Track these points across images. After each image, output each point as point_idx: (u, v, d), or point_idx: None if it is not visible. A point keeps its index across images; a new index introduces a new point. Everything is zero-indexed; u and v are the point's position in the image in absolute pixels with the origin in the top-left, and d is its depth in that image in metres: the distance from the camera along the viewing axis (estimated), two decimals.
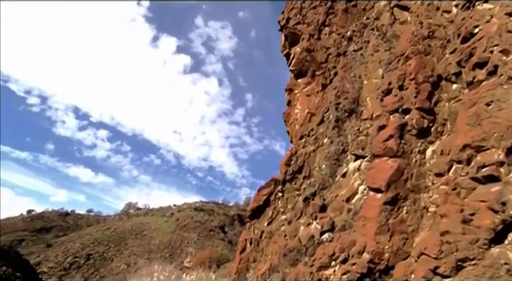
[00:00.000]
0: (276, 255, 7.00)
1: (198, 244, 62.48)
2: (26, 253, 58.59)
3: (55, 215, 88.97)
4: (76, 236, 68.79)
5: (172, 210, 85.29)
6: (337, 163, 6.97)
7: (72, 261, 56.62)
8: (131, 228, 70.65)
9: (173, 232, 68.18)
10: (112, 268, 56.07)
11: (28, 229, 76.61)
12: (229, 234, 72.71)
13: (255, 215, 8.74)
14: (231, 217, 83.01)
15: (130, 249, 61.97)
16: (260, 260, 7.78)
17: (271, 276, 6.82)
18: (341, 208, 6.30)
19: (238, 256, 8.76)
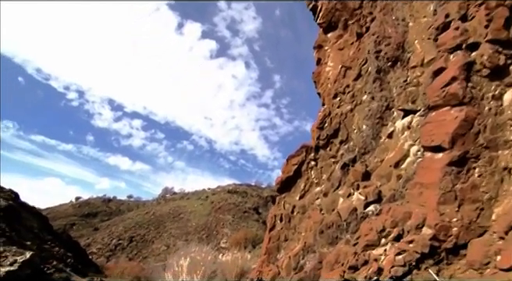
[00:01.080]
0: (311, 233, 6.05)
1: (233, 226, 63.28)
2: (77, 235, 62.77)
3: (100, 201, 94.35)
4: (118, 220, 72.50)
5: (207, 193, 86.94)
6: (381, 122, 5.72)
7: (117, 243, 59.85)
8: (169, 211, 73.06)
9: (209, 215, 69.58)
10: (153, 249, 58.56)
11: (77, 214, 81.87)
12: (263, 215, 72.91)
13: (285, 187, 7.78)
14: (264, 198, 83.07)
15: (169, 231, 64.23)
16: (292, 238, 6.91)
17: (306, 257, 5.95)
18: (388, 175, 5.14)
19: (267, 234, 7.92)
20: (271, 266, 7.19)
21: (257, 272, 7.55)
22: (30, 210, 34.52)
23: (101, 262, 45.12)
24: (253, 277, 7.70)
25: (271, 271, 6.96)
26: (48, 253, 26.58)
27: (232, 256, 24.70)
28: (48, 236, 31.62)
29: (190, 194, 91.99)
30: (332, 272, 4.58)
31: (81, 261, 33.00)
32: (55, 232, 37.54)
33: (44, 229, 33.02)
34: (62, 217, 78.00)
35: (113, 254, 55.75)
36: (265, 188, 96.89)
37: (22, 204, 33.14)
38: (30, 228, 29.56)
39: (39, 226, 32.13)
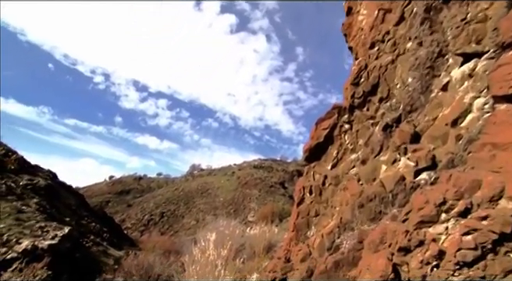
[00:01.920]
0: (348, 207, 5.22)
1: (260, 200, 63.89)
2: (112, 212, 66.17)
3: (131, 179, 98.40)
4: (150, 196, 75.37)
5: (233, 169, 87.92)
6: (431, 73, 4.63)
7: (149, 219, 62.51)
8: (197, 187, 74.83)
9: (236, 190, 70.58)
10: (183, 224, 60.66)
11: (111, 192, 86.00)
12: (289, 189, 73.00)
13: (314, 156, 6.87)
14: (290, 173, 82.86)
15: (198, 206, 66.03)
16: (324, 213, 6.12)
17: (342, 235, 5.17)
18: (444, 136, 4.14)
19: (295, 209, 7.16)
20: (300, 245, 6.48)
21: (284, 250, 6.83)
22: (68, 189, 36.25)
23: (135, 236, 47.38)
24: (280, 256, 7.01)
25: (300, 251, 6.21)
26: (85, 228, 27.85)
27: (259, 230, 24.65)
28: (85, 212, 33.19)
29: (217, 170, 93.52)
30: (377, 255, 3.79)
31: (116, 235, 34.58)
32: (91, 209, 39.46)
33: (81, 207, 34.66)
34: (98, 195, 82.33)
35: (146, 229, 58.38)
36: (291, 163, 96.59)
37: (60, 184, 34.80)
38: (68, 205, 31.04)
39: (76, 204, 33.73)
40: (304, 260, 6.08)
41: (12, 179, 24.26)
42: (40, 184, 26.92)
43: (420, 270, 3.23)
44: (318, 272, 5.24)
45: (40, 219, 19.40)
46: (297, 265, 6.22)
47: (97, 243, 24.19)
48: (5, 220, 18.08)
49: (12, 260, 15.69)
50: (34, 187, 25.48)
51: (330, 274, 4.99)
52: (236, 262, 13.94)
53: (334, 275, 4.95)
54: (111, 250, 24.91)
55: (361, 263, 4.03)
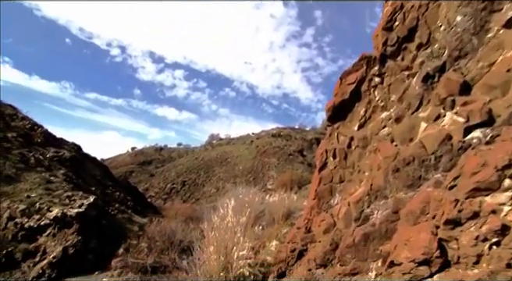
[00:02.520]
0: (380, 172, 4.61)
1: (279, 168, 64.26)
2: (136, 182, 68.77)
3: (152, 150, 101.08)
4: (171, 166, 77.35)
5: (252, 138, 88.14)
6: (489, 7, 3.79)
7: (171, 187, 64.57)
8: (216, 157, 75.90)
9: (254, 158, 71.11)
10: (204, 192, 62.33)
11: (134, 162, 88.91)
12: (307, 157, 72.81)
13: (339, 115, 6.15)
14: (309, 141, 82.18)
15: (217, 175, 67.31)
16: (350, 179, 5.56)
17: (372, 204, 4.58)
18: (504, 85, 3.41)
19: (316, 175, 6.51)
20: (323, 215, 6.08)
21: (305, 220, 6.45)
22: (93, 160, 37.40)
23: (158, 204, 49.23)
24: (300, 226, 6.52)
25: (323, 221, 5.86)
26: (110, 197, 28.90)
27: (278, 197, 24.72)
28: (110, 182, 34.36)
29: (236, 140, 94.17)
30: (417, 227, 3.25)
31: (140, 203, 35.90)
32: (115, 179, 40.85)
33: (106, 177, 35.87)
34: (122, 166, 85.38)
35: (169, 197, 60.49)
36: (309, 131, 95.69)
37: (85, 155, 35.88)
38: (93, 176, 32.13)
39: (101, 174, 34.89)
40: (328, 231, 5.66)
41: (39, 152, 25.05)
42: (66, 156, 27.75)
43: (474, 248, 2.70)
44: (344, 246, 4.80)
45: (68, 189, 20.08)
46: (319, 237, 5.81)
47: (122, 211, 25.12)
48: (36, 190, 18.81)
49: (45, 226, 16.46)
50: (60, 159, 26.29)
51: (358, 248, 4.50)
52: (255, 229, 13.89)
53: (363, 250, 4.47)
54: (135, 217, 25.87)
55: (396, 237, 3.53)
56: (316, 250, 5.71)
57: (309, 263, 5.72)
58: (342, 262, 4.82)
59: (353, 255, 4.63)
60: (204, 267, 10.18)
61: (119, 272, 14.54)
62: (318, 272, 5.52)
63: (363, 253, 4.48)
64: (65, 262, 14.89)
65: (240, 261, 9.47)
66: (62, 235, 15.92)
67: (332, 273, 4.99)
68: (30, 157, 22.51)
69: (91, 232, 17.01)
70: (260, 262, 9.95)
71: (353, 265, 4.56)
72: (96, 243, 16.81)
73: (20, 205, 16.65)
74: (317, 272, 5.54)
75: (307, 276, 5.60)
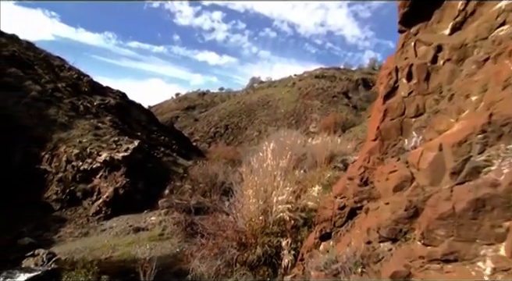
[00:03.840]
0: (503, 94, 3.02)
1: (322, 111, 62.23)
2: (181, 126, 71.59)
3: (195, 95, 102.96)
4: (214, 110, 78.69)
5: (294, 80, 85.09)
6: None
7: (215, 131, 66.43)
8: (257, 100, 75.23)
9: (296, 101, 69.30)
10: (246, 135, 63.30)
11: (179, 108, 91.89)
12: (353, 99, 69.13)
13: (418, 13, 4.31)
14: (354, 82, 77.23)
15: (259, 118, 67.33)
16: (438, 110, 3.99)
17: (491, 148, 2.96)
18: None
19: (379, 106, 4.76)
20: (391, 163, 4.39)
21: (360, 168, 4.92)
22: (138, 106, 38.87)
23: (203, 148, 51.18)
24: (353, 176, 4.99)
25: (393, 172, 4.21)
26: (155, 141, 30.25)
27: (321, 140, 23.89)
28: (155, 127, 35.82)
29: (277, 82, 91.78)
30: None
31: (185, 147, 37.42)
32: (160, 124, 42.51)
33: (151, 122, 37.38)
34: (168, 112, 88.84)
35: (213, 141, 62.55)
36: (355, 71, 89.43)
37: (130, 102, 37.29)
38: (138, 121, 33.57)
39: (146, 120, 36.36)
40: (400, 188, 3.99)
41: (87, 100, 26.26)
42: (111, 103, 28.88)
43: None
44: (434, 215, 3.24)
45: (114, 134, 21.08)
46: (386, 195, 4.23)
47: (167, 155, 26.32)
48: (87, 136, 19.98)
49: (97, 169, 17.73)
50: (106, 106, 27.44)
51: (461, 221, 2.99)
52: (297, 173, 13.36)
53: (469, 225, 2.94)
54: (180, 160, 27.06)
55: None
56: (380, 214, 4.25)
57: (368, 233, 4.33)
58: (427, 240, 3.34)
59: (449, 231, 3.11)
60: (243, 210, 10.06)
61: (165, 212, 15.51)
62: (383, 248, 4.09)
63: (469, 229, 2.95)
64: (117, 201, 16.14)
65: (280, 206, 9.14)
66: (112, 177, 17.08)
67: (407, 254, 3.57)
68: (79, 105, 23.65)
69: (138, 175, 18.07)
70: (301, 207, 9.55)
71: (449, 247, 3.10)
72: (143, 184, 17.92)
73: (74, 150, 17.86)
74: (381, 248, 4.12)
75: (365, 251, 4.23)
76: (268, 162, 10.63)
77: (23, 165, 17.36)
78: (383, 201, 4.37)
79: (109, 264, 11.46)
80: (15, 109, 19.96)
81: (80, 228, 14.40)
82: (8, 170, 16.93)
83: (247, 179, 10.93)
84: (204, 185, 18.26)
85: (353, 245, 4.58)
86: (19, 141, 18.31)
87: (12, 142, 18.26)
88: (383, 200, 4.40)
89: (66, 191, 16.43)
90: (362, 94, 70.62)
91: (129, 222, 14.97)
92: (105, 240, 13.17)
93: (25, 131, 18.72)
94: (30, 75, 24.12)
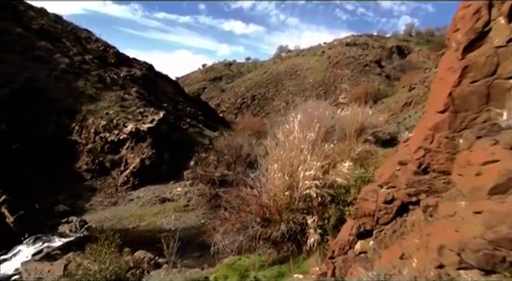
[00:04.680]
0: None
1: (352, 81, 59.34)
2: (208, 97, 71.70)
3: (222, 65, 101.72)
4: (240, 81, 77.62)
5: (323, 48, 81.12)
6: None
7: (241, 102, 65.83)
8: (285, 70, 72.98)
9: (326, 70, 66.43)
10: (273, 106, 62.27)
11: (206, 79, 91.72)
12: (386, 68, 65.07)
13: None
14: (388, 49, 72.36)
15: (287, 89, 65.65)
16: None
17: None
18: None
19: (454, 61, 3.20)
20: (484, 147, 2.87)
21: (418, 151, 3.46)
22: (165, 78, 38.90)
23: (229, 119, 51.10)
24: (406, 160, 3.66)
25: (491, 163, 2.74)
26: (181, 112, 30.30)
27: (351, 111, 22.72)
28: (181, 98, 35.83)
29: (306, 51, 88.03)
30: None
31: (211, 118, 37.41)
32: (187, 95, 42.56)
33: (178, 93, 37.42)
34: (195, 83, 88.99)
35: (239, 112, 62.22)
36: (390, 38, 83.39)
37: (157, 74, 37.34)
38: (165, 92, 33.64)
39: (173, 91, 36.40)
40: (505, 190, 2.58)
41: (113, 72, 26.43)
42: (137, 74, 28.94)
43: None
44: None
45: (140, 105, 21.16)
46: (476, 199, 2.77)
47: (193, 126, 26.35)
48: (113, 107, 20.20)
49: (124, 140, 18.02)
50: (132, 78, 27.54)
51: None
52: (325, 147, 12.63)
53: None
54: (206, 131, 27.04)
55: None
56: (464, 227, 2.80)
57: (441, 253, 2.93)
58: None
59: None
60: (268, 185, 9.64)
61: (190, 183, 15.60)
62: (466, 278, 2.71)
63: None
64: (144, 172, 16.42)
65: (307, 182, 8.58)
66: (139, 148, 17.30)
67: None
68: (106, 77, 23.83)
69: (164, 146, 18.19)
70: (329, 183, 8.96)
71: None
72: (169, 155, 18.06)
73: (102, 121, 18.14)
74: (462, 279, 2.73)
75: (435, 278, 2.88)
76: (295, 135, 9.94)
77: (56, 136, 18.00)
78: (471, 208, 2.86)
79: (136, 233, 11.81)
80: (46, 82, 20.45)
81: (109, 197, 14.89)
82: (44, 141, 17.64)
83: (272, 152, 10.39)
84: (229, 157, 18.08)
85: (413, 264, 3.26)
86: (52, 113, 18.89)
87: (46, 114, 18.88)
88: (470, 205, 2.90)
89: (96, 162, 16.93)
90: (396, 63, 66.28)
91: (155, 192, 15.25)
92: (133, 210, 13.54)
93: (56, 103, 19.22)
94: (59, 48, 24.45)
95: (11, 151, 15.97)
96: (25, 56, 21.45)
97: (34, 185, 14.85)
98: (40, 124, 18.25)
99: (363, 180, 8.36)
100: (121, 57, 30.30)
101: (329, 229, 8.15)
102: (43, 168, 16.13)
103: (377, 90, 50.81)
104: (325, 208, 8.84)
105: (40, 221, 13.08)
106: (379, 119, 25.25)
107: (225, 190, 13.14)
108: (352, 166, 8.93)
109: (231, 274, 8.11)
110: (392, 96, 45.71)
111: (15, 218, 12.65)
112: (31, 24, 25.18)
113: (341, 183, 8.91)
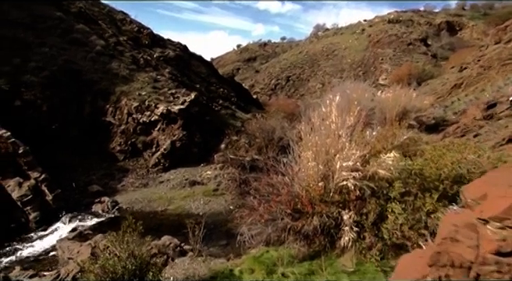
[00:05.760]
0: None
1: (394, 60, 55.30)
2: (242, 78, 71.15)
3: (256, 46, 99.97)
4: (275, 61, 75.85)
5: (363, 26, 76.35)
6: None
7: (276, 83, 64.45)
8: (322, 49, 69.94)
9: (365, 50, 62.60)
10: (308, 87, 60.25)
11: (240, 60, 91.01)
12: (432, 47, 59.76)
13: None
14: (436, 26, 66.40)
15: (323, 69, 63.04)
16: None
17: None
18: None
19: None
20: None
21: None
22: (198, 59, 38.60)
23: (263, 100, 50.22)
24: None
25: None
26: (214, 94, 29.91)
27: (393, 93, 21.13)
28: (214, 79, 35.40)
29: (344, 29, 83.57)
30: None
31: (244, 99, 36.75)
32: (220, 76, 42.09)
33: (211, 74, 37.04)
34: (229, 63, 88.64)
35: (273, 93, 61.06)
36: (438, 13, 76.26)
37: (191, 55, 37.11)
38: (198, 73, 33.37)
39: (207, 72, 36.05)
40: None
41: (147, 53, 26.43)
42: (171, 55, 28.77)
43: None
44: None
45: (172, 86, 20.96)
46: None
47: (225, 107, 25.91)
48: (146, 88, 20.18)
49: (155, 121, 17.98)
50: (166, 58, 27.41)
51: None
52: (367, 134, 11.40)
53: None
54: (238, 113, 26.52)
55: None
56: None
57: None
58: None
59: None
60: (301, 173, 8.80)
61: (220, 166, 15.24)
62: None
63: None
64: (174, 154, 16.29)
65: (344, 173, 7.62)
66: (170, 130, 17.18)
67: None
68: (140, 58, 23.84)
69: (195, 128, 17.93)
70: (369, 175, 7.92)
71: None
72: (200, 137, 17.79)
73: (134, 103, 18.17)
74: None
75: None
76: (332, 119, 8.85)
77: (91, 117, 18.40)
78: None
79: (164, 216, 11.73)
80: (83, 64, 20.84)
81: (141, 179, 15.00)
82: (80, 122, 18.14)
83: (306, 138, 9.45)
84: (260, 140, 17.47)
85: None
86: (87, 95, 19.28)
87: (82, 96, 19.32)
88: None
89: (128, 143, 17.10)
90: (445, 41, 60.50)
91: (185, 175, 15.10)
92: (162, 192, 13.51)
93: (92, 85, 19.56)
94: (95, 30, 24.77)
95: (50, 132, 16.55)
96: (63, 39, 21.95)
97: (71, 165, 15.33)
98: (77, 105, 18.70)
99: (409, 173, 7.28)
100: (155, 38, 30.26)
101: (367, 226, 7.23)
102: (79, 149, 16.59)
103: (421, 71, 47.03)
104: (363, 202, 7.84)
105: (76, 200, 13.49)
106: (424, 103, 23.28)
107: (255, 176, 12.59)
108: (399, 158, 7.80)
109: (257, 268, 7.57)
110: (438, 77, 42.09)
111: (53, 195, 13.14)
112: (70, 8, 25.66)
113: (383, 175, 7.82)
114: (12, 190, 12.94)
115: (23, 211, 12.65)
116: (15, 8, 21.97)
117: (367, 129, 11.58)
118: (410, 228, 6.69)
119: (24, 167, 13.33)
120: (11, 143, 13.40)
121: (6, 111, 15.40)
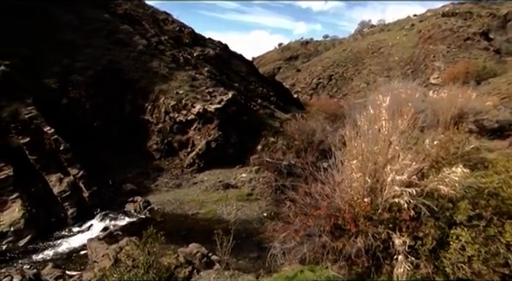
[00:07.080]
0: None
1: (448, 58, 50.66)
2: (283, 77, 70.14)
3: (298, 44, 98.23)
4: (317, 60, 73.73)
5: (413, 21, 71.46)
6: None
7: (317, 82, 62.47)
8: (367, 47, 66.53)
9: (415, 47, 58.28)
10: (352, 86, 57.54)
11: (281, 58, 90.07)
12: (496, 41, 53.81)
13: None
14: (502, 17, 59.81)
15: (368, 68, 59.84)
16: None
17: None
18: None
19: None
20: None
21: None
22: (239, 57, 38.32)
23: (304, 100, 48.71)
24: None
25: None
26: (253, 93, 29.26)
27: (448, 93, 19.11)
28: (254, 78, 34.83)
29: (391, 25, 79.01)
30: None
31: (284, 99, 35.70)
32: (260, 75, 41.44)
33: (251, 73, 36.51)
34: (270, 62, 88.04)
35: (315, 92, 59.22)
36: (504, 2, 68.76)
37: (231, 53, 36.93)
38: (237, 72, 32.99)
39: (246, 71, 35.59)
40: None
41: (187, 52, 26.52)
42: (210, 54, 28.64)
43: None
44: None
45: (210, 85, 20.61)
46: None
47: (264, 107, 25.13)
48: (183, 87, 20.06)
49: (192, 121, 17.69)
50: (205, 57, 27.30)
51: None
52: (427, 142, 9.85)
53: None
54: (277, 112, 25.61)
55: None
56: None
57: None
58: None
59: None
60: (343, 185, 7.64)
61: (256, 169, 14.46)
62: None
63: None
64: (209, 155, 15.81)
65: (397, 187, 6.36)
66: (206, 129, 16.76)
67: None
68: (180, 57, 23.89)
69: (231, 128, 17.34)
70: (427, 191, 6.57)
71: None
72: (236, 138, 17.16)
73: (171, 101, 18.04)
74: None
75: None
76: (382, 123, 7.55)
77: (131, 115, 18.63)
78: None
79: (195, 221, 11.23)
80: (125, 63, 21.29)
81: (175, 179, 14.74)
82: (120, 120, 18.44)
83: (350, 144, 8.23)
84: (299, 143, 16.42)
85: None
86: (128, 93, 19.60)
87: (123, 94, 19.70)
88: None
89: (165, 142, 16.99)
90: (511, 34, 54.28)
91: (219, 177, 14.57)
92: (195, 195, 13.07)
93: (132, 83, 19.85)
94: (138, 30, 25.33)
95: (93, 130, 16.99)
96: (108, 40, 22.64)
97: (110, 162, 15.54)
98: (118, 104, 19.05)
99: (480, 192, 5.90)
100: (196, 37, 30.38)
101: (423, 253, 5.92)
102: (119, 147, 16.80)
103: (481, 69, 42.45)
104: (418, 223, 6.48)
105: (111, 198, 13.56)
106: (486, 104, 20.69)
107: (292, 182, 11.66)
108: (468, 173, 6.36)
109: None
110: (503, 75, 37.62)
111: (89, 193, 13.31)
112: (117, 10, 26.55)
113: (446, 192, 6.35)
114: (53, 185, 13.32)
115: (62, 206, 12.96)
116: (67, 13, 23.12)
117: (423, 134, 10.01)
118: (482, 263, 5.33)
119: (65, 163, 13.68)
120: (54, 139, 13.83)
121: (55, 110, 16.01)
